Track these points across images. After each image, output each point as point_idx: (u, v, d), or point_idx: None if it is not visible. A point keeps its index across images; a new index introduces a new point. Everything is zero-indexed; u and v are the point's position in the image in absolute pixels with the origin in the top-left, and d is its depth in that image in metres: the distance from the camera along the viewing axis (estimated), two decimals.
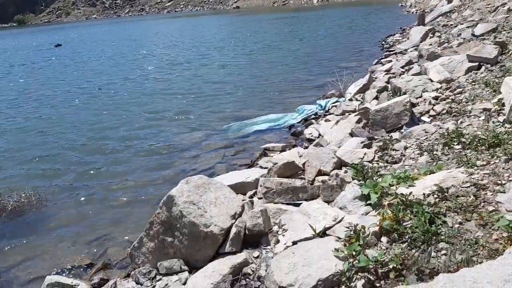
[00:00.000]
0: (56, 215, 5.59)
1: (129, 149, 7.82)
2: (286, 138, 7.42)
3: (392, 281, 2.40)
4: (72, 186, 6.46)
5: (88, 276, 4.09)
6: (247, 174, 5.20)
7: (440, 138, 4.33)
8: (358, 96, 8.32)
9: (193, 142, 7.83)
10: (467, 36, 8.82)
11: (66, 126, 9.76)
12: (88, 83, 15.20)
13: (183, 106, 10.61)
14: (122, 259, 4.36)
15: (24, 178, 6.90)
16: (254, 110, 9.45)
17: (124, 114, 10.35)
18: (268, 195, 4.05)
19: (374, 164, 4.38)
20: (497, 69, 5.89)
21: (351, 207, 3.36)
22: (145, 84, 14.12)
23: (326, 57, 15.49)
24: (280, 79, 12.53)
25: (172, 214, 3.47)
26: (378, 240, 2.77)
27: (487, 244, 2.40)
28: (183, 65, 17.34)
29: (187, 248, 3.43)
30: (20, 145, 8.63)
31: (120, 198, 5.90)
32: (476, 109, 4.81)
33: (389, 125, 5.44)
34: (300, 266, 2.67)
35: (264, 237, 3.45)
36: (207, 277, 3.03)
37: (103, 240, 4.88)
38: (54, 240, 5.00)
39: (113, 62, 20.56)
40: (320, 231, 3.05)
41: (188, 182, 3.69)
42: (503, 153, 3.39)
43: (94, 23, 74.48)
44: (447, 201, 2.90)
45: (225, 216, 3.50)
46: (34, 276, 4.32)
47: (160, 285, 3.22)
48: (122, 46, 28.34)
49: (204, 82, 13.43)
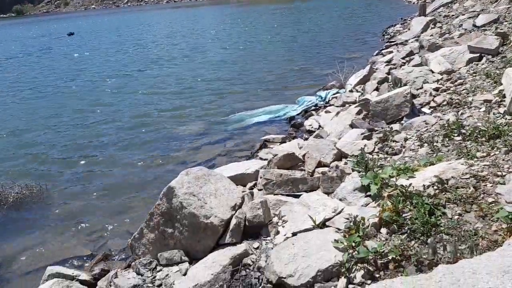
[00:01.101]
0: (57, 206, 5.61)
1: (129, 141, 7.82)
2: (286, 129, 7.41)
3: (392, 272, 2.42)
4: (73, 178, 6.47)
5: (89, 267, 4.11)
6: (247, 165, 5.20)
7: (440, 130, 4.32)
8: (359, 87, 8.29)
9: (193, 134, 7.82)
10: (469, 27, 8.76)
11: (66, 118, 9.74)
12: (88, 73, 15.18)
13: (183, 99, 10.57)
14: (122, 249, 4.39)
15: (26, 169, 6.91)
16: (254, 101, 9.42)
17: (124, 106, 10.33)
18: (268, 186, 4.05)
19: (374, 156, 4.37)
20: (498, 60, 5.87)
21: (351, 198, 3.37)
22: (145, 76, 14.07)
23: (326, 48, 15.41)
24: (280, 70, 12.48)
25: (172, 206, 3.48)
26: (378, 231, 2.78)
27: (486, 236, 2.41)
28: (181, 58, 17.25)
29: (187, 239, 3.44)
30: (21, 136, 8.63)
31: (120, 189, 5.91)
32: (477, 100, 4.79)
33: (389, 116, 5.42)
34: (300, 257, 2.68)
35: (264, 228, 3.46)
36: (208, 268, 3.05)
37: (103, 231, 4.91)
38: (55, 231, 5.02)
39: (104, 53, 20.49)
40: (320, 222, 3.06)
41: (188, 173, 3.69)
42: (503, 145, 3.39)
43: (93, 13, 74.07)
44: (447, 192, 2.90)
45: (225, 208, 3.51)
46: (35, 267, 4.35)
47: (160, 275, 3.24)
48: (122, 36, 28.23)
49: (204, 74, 13.38)
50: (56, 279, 3.41)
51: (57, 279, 3.41)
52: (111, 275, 3.45)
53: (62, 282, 3.39)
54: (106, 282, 3.38)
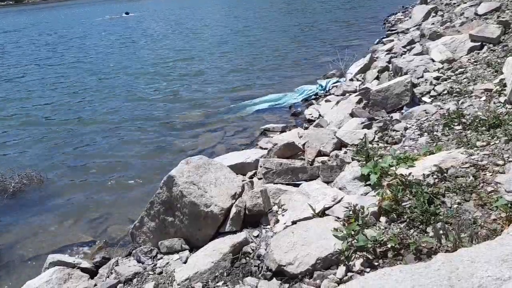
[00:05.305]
0: (57, 195, 5.62)
1: (128, 129, 7.81)
2: (286, 118, 7.40)
3: (391, 260, 2.43)
4: (73, 166, 6.48)
5: (90, 255, 4.14)
6: (247, 154, 5.21)
7: (440, 119, 4.31)
8: (359, 76, 8.26)
9: (192, 122, 7.81)
10: (470, 15, 8.68)
11: (64, 106, 9.72)
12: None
13: (182, 87, 10.54)
14: (123, 237, 4.41)
15: (26, 158, 6.91)
16: (254, 90, 9.40)
17: (122, 94, 10.30)
18: (268, 175, 4.06)
19: (374, 145, 4.37)
20: (500, 49, 5.83)
21: (350, 187, 3.38)
22: (146, 64, 13.99)
23: (327, 36, 15.30)
24: (280, 58, 12.41)
25: (173, 194, 3.49)
26: (377, 220, 2.79)
27: (485, 224, 2.42)
28: (181, 47, 17.13)
29: (187, 227, 3.46)
30: (20, 125, 8.62)
31: (120, 177, 5.92)
32: (478, 89, 4.77)
33: (389, 105, 5.41)
34: (299, 245, 2.70)
35: (264, 217, 3.47)
36: (208, 256, 3.07)
37: (104, 219, 4.93)
38: (56, 219, 5.05)
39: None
40: (320, 211, 3.07)
41: (188, 162, 3.69)
42: (503, 134, 3.38)
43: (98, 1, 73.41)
44: (446, 181, 2.91)
45: (225, 196, 3.52)
46: (37, 255, 4.38)
47: (161, 263, 3.26)
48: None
49: (203, 63, 13.31)
50: (58, 267, 3.42)
51: (58, 267, 3.42)
52: (112, 262, 3.47)
53: (64, 270, 3.40)
54: (107, 269, 3.41)
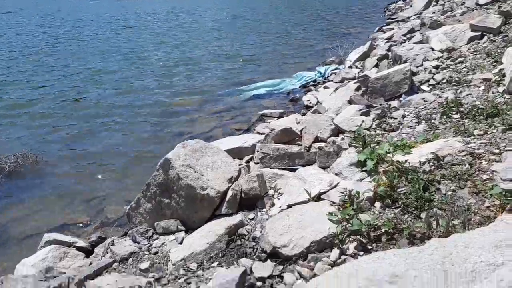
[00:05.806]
0: (53, 175, 5.61)
1: (126, 112, 7.77)
2: (284, 103, 7.39)
3: (384, 244, 2.46)
4: (69, 147, 6.45)
5: (86, 234, 4.16)
6: (244, 139, 5.21)
7: (438, 107, 4.32)
8: (358, 63, 8.23)
9: (190, 106, 7.79)
10: (471, 4, 8.62)
11: (62, 86, 9.63)
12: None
13: (180, 72, 10.47)
14: (119, 217, 4.42)
15: (22, 139, 6.87)
16: (253, 75, 9.35)
17: (119, 79, 10.22)
18: (264, 160, 4.06)
19: (371, 132, 4.38)
20: (500, 39, 5.81)
21: (346, 173, 3.39)
22: (145, 50, 13.86)
23: (327, 23, 15.20)
24: (280, 45, 12.33)
25: (169, 177, 3.49)
26: (372, 205, 2.81)
27: (479, 211, 2.44)
28: (180, 33, 16.97)
29: (184, 209, 3.47)
30: (15, 107, 8.55)
31: (117, 159, 5.92)
32: (476, 79, 4.77)
33: (388, 93, 5.41)
34: (294, 228, 2.72)
35: (260, 200, 3.49)
36: (203, 237, 3.09)
37: (100, 199, 4.93)
38: (51, 199, 5.04)
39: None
40: (315, 196, 3.08)
41: (185, 146, 3.69)
42: (500, 123, 3.40)
43: None
44: (442, 169, 2.92)
45: (222, 180, 3.53)
46: (32, 234, 4.38)
47: (157, 243, 3.28)
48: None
49: (202, 49, 13.20)
50: (53, 246, 3.44)
51: (54, 246, 3.44)
52: (108, 242, 3.49)
53: (59, 248, 3.42)
54: (103, 249, 3.43)
